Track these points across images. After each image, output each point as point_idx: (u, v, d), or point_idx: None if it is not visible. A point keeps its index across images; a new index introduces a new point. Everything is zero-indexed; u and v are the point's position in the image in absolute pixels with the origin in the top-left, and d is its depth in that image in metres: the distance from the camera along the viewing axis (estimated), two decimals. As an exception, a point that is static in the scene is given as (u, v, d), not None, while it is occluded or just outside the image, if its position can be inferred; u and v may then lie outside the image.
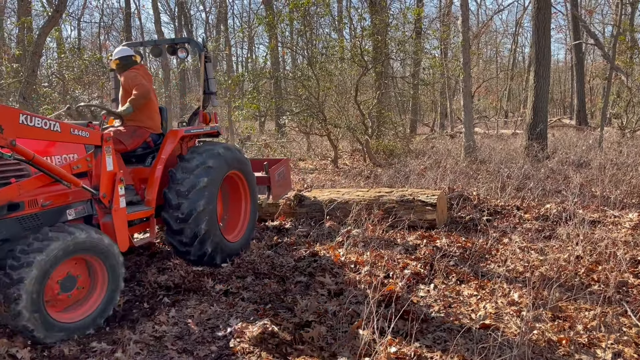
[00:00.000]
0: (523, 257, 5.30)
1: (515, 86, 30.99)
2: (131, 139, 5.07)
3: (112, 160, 4.16)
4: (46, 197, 3.90)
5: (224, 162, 5.22)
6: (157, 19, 28.09)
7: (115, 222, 4.18)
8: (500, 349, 3.27)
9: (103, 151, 4.07)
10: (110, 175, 4.14)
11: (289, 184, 7.06)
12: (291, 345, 3.48)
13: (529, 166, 10.07)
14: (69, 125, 3.79)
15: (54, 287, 3.58)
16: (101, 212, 4.22)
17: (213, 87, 5.80)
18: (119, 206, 4.20)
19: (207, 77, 5.75)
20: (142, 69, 5.37)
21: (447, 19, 19.72)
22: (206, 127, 5.67)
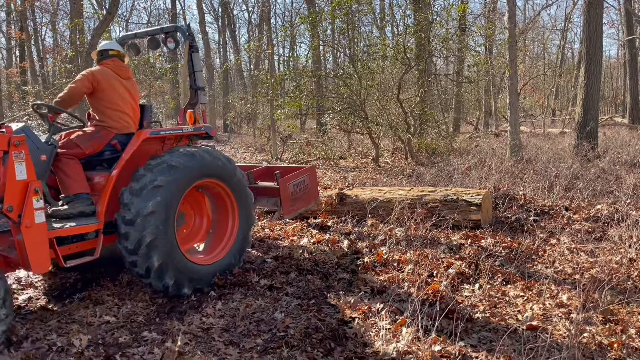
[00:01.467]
0: (572, 258, 5.16)
1: (564, 84, 30.05)
2: (90, 142, 4.45)
3: (24, 167, 3.58)
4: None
5: (183, 175, 4.30)
6: (202, 19, 28.69)
7: (27, 240, 3.53)
8: (549, 351, 3.20)
9: (10, 157, 3.52)
10: (19, 185, 3.54)
11: (313, 196, 6.16)
12: (335, 340, 3.51)
13: (578, 166, 9.76)
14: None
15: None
16: (14, 228, 3.59)
17: (200, 81, 5.13)
18: (32, 221, 3.56)
19: (193, 69, 5.09)
20: (111, 63, 4.69)
21: (493, 15, 19.31)
22: (188, 127, 4.87)
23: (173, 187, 4.21)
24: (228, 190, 4.81)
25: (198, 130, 4.94)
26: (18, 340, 3.47)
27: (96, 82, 4.48)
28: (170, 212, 4.21)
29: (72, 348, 3.34)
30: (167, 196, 4.16)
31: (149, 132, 4.53)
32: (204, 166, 4.49)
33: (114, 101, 4.58)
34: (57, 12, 26.76)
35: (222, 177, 4.70)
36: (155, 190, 4.11)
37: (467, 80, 17.02)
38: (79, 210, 4.15)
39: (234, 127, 29.49)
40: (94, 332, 3.63)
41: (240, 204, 4.92)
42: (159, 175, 4.16)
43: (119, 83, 4.63)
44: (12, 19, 26.15)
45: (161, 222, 4.11)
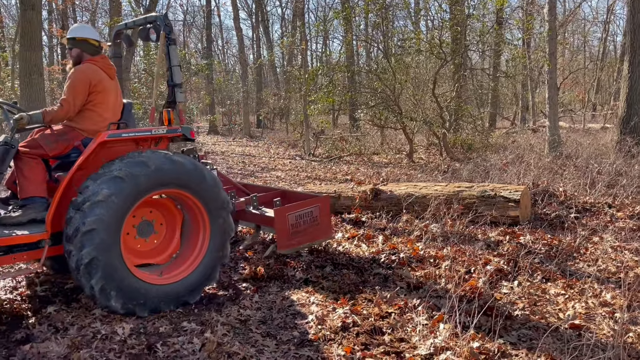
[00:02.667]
0: (616, 257, 5.01)
1: (605, 77, 29.09)
2: (55, 143, 4.08)
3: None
4: None
5: (130, 187, 3.74)
6: (236, 15, 28.92)
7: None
8: (593, 351, 3.12)
9: None
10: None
11: (323, 231, 5.16)
12: (371, 335, 3.51)
13: (622, 162, 9.44)
14: None
15: None
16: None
17: (178, 77, 4.54)
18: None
19: (171, 64, 4.50)
20: (100, 60, 4.30)
21: (531, 8, 18.84)
22: (159, 129, 4.31)
23: (116, 201, 3.68)
24: (195, 201, 4.14)
25: (172, 132, 4.36)
26: (64, 328, 3.59)
27: (92, 87, 4.14)
28: (113, 227, 3.70)
29: (115, 336, 3.43)
30: (108, 211, 3.65)
31: (108, 134, 3.97)
32: (158, 174, 3.88)
33: (95, 103, 4.21)
34: (97, 11, 27.46)
35: (187, 186, 4.04)
36: (96, 205, 3.62)
37: (504, 74, 16.68)
38: (30, 217, 3.84)
39: (267, 123, 29.72)
40: (136, 321, 3.72)
41: (211, 215, 4.21)
42: (103, 188, 3.67)
43: (108, 84, 4.27)
44: (54, 17, 26.98)
45: (102, 239, 3.63)
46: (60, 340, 3.37)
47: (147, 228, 4.24)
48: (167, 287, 4.00)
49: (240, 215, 5.11)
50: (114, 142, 4.07)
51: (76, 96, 4.08)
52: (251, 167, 13.26)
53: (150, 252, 4.29)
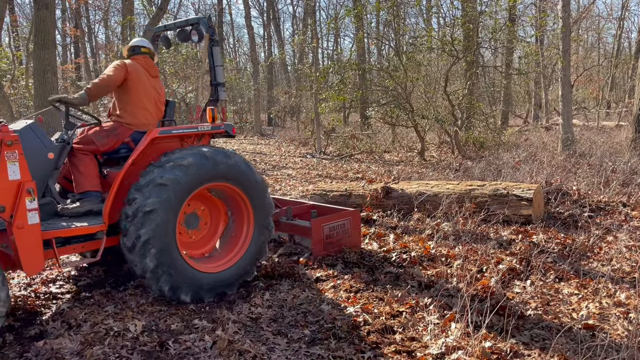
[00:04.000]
0: (630, 256, 4.95)
1: (620, 75, 28.73)
2: (106, 138, 4.32)
3: (17, 167, 3.51)
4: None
5: (191, 175, 4.03)
6: (247, 13, 28.97)
7: (18, 240, 3.47)
8: (607, 351, 3.08)
9: (2, 157, 3.46)
10: (11, 186, 3.47)
11: (353, 242, 5.46)
12: (382, 334, 3.50)
13: (637, 160, 9.32)
14: None
15: None
16: (9, 228, 3.55)
17: (220, 76, 4.86)
18: (25, 222, 3.49)
19: (214, 64, 4.83)
20: (142, 59, 4.61)
21: (545, 4, 18.64)
22: (204, 125, 4.61)
23: (177, 187, 3.95)
24: (243, 195, 4.45)
25: (216, 129, 4.66)
26: (77, 324, 3.62)
27: (127, 74, 4.36)
28: (172, 212, 3.96)
29: (127, 333, 3.46)
30: (170, 195, 3.92)
31: (159, 131, 4.28)
32: (215, 168, 4.17)
33: (138, 96, 4.45)
34: (110, 10, 27.65)
35: (236, 181, 4.34)
36: (159, 188, 3.89)
37: (516, 72, 16.53)
38: (86, 208, 4.06)
39: (278, 121, 29.74)
40: (148, 318, 3.75)
41: (256, 211, 4.53)
42: (165, 173, 3.94)
43: (147, 79, 4.52)
44: (67, 17, 27.23)
45: (160, 221, 3.87)
46: (73, 336, 3.40)
47: (194, 223, 4.51)
48: (210, 276, 4.21)
49: (276, 225, 5.15)
50: (162, 139, 4.32)
51: (112, 74, 4.28)
52: (262, 165, 13.28)
53: (194, 243, 4.54)
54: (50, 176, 4.04)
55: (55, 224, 3.86)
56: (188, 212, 4.39)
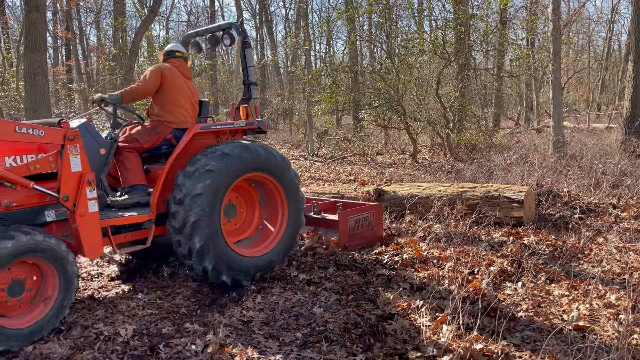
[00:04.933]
0: (620, 257, 4.98)
1: (610, 77, 28.96)
2: (148, 136, 4.67)
3: (79, 160, 3.83)
4: (12, 197, 3.63)
5: (235, 164, 4.42)
6: (240, 16, 28.99)
7: (81, 227, 3.79)
8: (597, 353, 3.10)
9: (66, 151, 3.76)
10: (74, 177, 3.79)
11: (376, 233, 5.82)
12: (374, 336, 3.50)
13: (627, 162, 9.39)
14: (13, 124, 3.59)
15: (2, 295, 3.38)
16: (71, 216, 3.86)
17: (252, 76, 5.22)
18: (86, 210, 3.82)
19: (247, 65, 5.18)
20: (177, 62, 4.93)
21: (535, 7, 18.77)
22: (239, 122, 5.03)
23: (224, 173, 4.34)
24: (279, 187, 4.88)
25: (250, 125, 5.07)
26: (67, 328, 3.60)
27: (163, 77, 4.70)
28: (218, 197, 4.34)
29: (118, 337, 3.44)
30: (216, 181, 4.29)
31: (200, 126, 4.68)
32: (256, 159, 4.59)
33: (175, 96, 4.77)
34: (101, 12, 27.53)
35: (274, 173, 4.77)
36: (207, 174, 4.26)
37: (508, 74, 16.62)
38: (134, 201, 4.40)
39: (270, 123, 29.70)
40: (139, 322, 3.73)
41: (290, 202, 4.95)
42: (212, 161, 4.32)
43: (182, 81, 4.84)
44: (58, 19, 27.07)
45: (208, 204, 4.24)
46: (63, 341, 3.38)
47: (232, 212, 4.88)
48: (248, 260, 4.59)
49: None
50: (201, 135, 4.73)
51: (150, 79, 4.66)
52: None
53: (233, 231, 4.87)
54: (101, 170, 4.37)
55: (108, 214, 4.21)
56: (226, 203, 4.64)
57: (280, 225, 4.95)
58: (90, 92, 18.01)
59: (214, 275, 4.35)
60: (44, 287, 3.61)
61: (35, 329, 3.44)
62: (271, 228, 4.97)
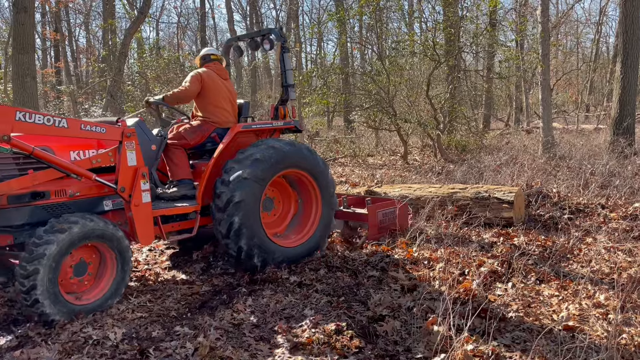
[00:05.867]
0: (609, 257, 5.02)
1: (598, 79, 29.23)
2: (194, 134, 5.09)
3: (134, 155, 4.24)
4: (76, 188, 4.07)
5: (277, 157, 4.85)
6: (230, 18, 28.97)
7: (135, 216, 4.23)
8: (586, 352, 3.12)
9: (123, 146, 4.19)
10: (130, 170, 4.22)
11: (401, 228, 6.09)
12: (365, 338, 3.49)
13: (615, 163, 9.48)
14: (79, 122, 3.96)
15: (68, 271, 3.83)
16: (126, 206, 4.29)
17: (290, 79, 5.54)
18: (140, 201, 4.25)
19: (285, 68, 5.51)
20: (214, 66, 5.29)
21: (524, 9, 18.90)
22: (278, 122, 5.42)
23: (259, 176, 4.73)
24: (312, 181, 5.27)
25: (287, 125, 5.46)
26: (56, 333, 3.55)
27: (203, 82, 5.08)
28: (255, 199, 4.74)
29: (107, 341, 3.40)
30: (252, 186, 4.68)
31: (242, 126, 5.10)
32: (286, 158, 4.95)
33: (216, 98, 5.15)
34: (90, 13, 27.37)
35: (305, 168, 5.15)
36: (243, 182, 4.62)
37: (497, 76, 16.73)
38: (182, 193, 4.81)
39: (262, 125, 29.59)
40: (128, 326, 3.70)
41: (322, 192, 5.34)
42: (260, 152, 4.75)
43: (221, 83, 5.21)
44: (47, 20, 26.86)
45: (248, 209, 4.64)
46: (51, 345, 3.34)
47: (269, 205, 5.32)
48: (290, 250, 5.05)
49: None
50: (242, 133, 5.09)
51: (190, 85, 5.04)
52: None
53: (270, 224, 5.24)
54: (152, 165, 4.73)
55: (158, 205, 4.62)
56: (265, 196, 5.01)
57: (315, 216, 5.36)
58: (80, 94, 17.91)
59: (247, 257, 4.70)
60: (103, 269, 4.04)
61: (94, 306, 3.89)
62: (305, 222, 5.37)
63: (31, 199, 3.89)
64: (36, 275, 3.54)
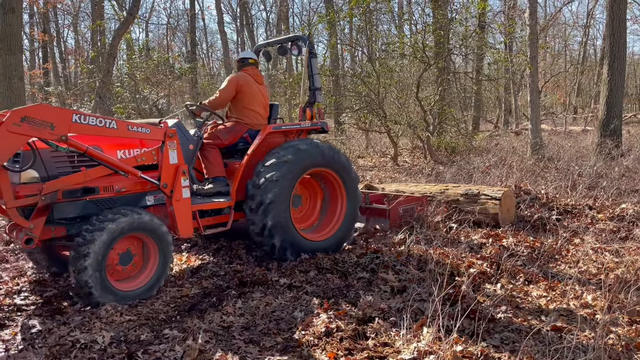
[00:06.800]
0: (596, 258, 5.07)
1: (586, 81, 29.49)
2: (228, 134, 5.43)
3: (175, 154, 4.54)
4: (122, 184, 4.42)
5: (304, 158, 5.20)
6: (220, 19, 28.86)
7: (176, 210, 4.57)
8: (574, 353, 3.14)
9: (166, 146, 4.49)
10: (172, 168, 4.52)
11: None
12: (355, 339, 3.49)
13: (602, 164, 9.58)
14: (127, 123, 4.27)
15: (115, 259, 4.17)
16: (168, 201, 4.63)
17: (318, 82, 5.87)
18: (180, 196, 4.58)
19: (312, 72, 5.81)
20: (251, 70, 5.63)
21: (513, 12, 19.05)
22: (305, 123, 5.74)
23: (295, 165, 5.10)
24: (338, 180, 5.59)
25: (315, 126, 5.76)
26: (43, 336, 3.52)
27: (239, 86, 5.41)
28: (289, 184, 5.09)
29: (95, 345, 3.37)
30: (289, 170, 5.05)
31: (272, 127, 5.45)
32: (313, 158, 5.29)
33: (250, 102, 5.47)
34: (79, 14, 27.17)
35: (331, 166, 5.47)
36: (283, 165, 5.02)
37: (487, 78, 16.83)
38: (217, 190, 5.14)
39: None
40: (117, 329, 3.66)
41: (347, 189, 5.66)
42: (288, 154, 5.09)
43: (256, 87, 5.52)
44: (35, 21, 26.63)
45: (280, 189, 4.99)
46: (38, 350, 3.30)
47: (297, 202, 5.69)
48: (316, 244, 5.39)
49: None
50: (272, 134, 5.43)
51: (226, 90, 5.42)
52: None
53: (298, 219, 5.59)
54: (190, 163, 5.02)
55: (196, 200, 4.93)
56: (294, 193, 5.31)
57: (340, 212, 5.67)
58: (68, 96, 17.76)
59: (281, 252, 5.08)
60: (146, 259, 4.37)
61: (136, 294, 4.22)
62: (331, 217, 5.70)
63: (83, 194, 4.27)
64: (86, 260, 3.89)
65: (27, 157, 3.97)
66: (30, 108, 3.72)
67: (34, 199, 3.96)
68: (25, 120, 3.66)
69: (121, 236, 4.10)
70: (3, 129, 3.58)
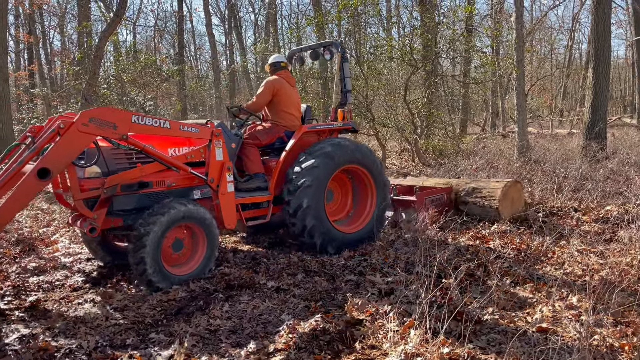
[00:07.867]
0: (582, 260, 5.11)
1: (571, 84, 29.83)
2: (266, 135, 5.85)
3: (221, 151, 4.95)
4: (173, 179, 4.87)
5: (334, 159, 5.55)
6: (209, 21, 28.78)
7: (222, 203, 4.99)
8: (559, 354, 3.17)
9: (213, 144, 4.90)
10: (218, 164, 4.94)
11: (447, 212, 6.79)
12: (343, 342, 3.49)
13: (587, 167, 9.67)
14: (178, 123, 4.67)
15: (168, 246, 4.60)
16: (214, 195, 5.05)
17: (349, 85, 6.22)
18: (226, 190, 5.00)
19: (344, 75, 6.18)
20: (284, 74, 5.99)
21: (500, 16, 19.21)
22: (337, 123, 6.11)
23: (325, 167, 5.48)
24: (368, 175, 5.96)
25: (346, 126, 6.17)
26: (26, 341, 3.47)
27: (275, 90, 5.80)
28: (322, 186, 5.48)
29: (79, 350, 3.34)
30: (320, 174, 5.43)
31: (307, 127, 5.87)
32: (349, 154, 5.71)
33: (286, 104, 5.88)
34: (65, 15, 26.92)
35: (364, 164, 5.87)
36: (313, 170, 5.39)
37: (474, 81, 16.95)
38: (256, 185, 5.52)
39: (240, 128, 29.42)
40: (102, 333, 3.63)
41: (377, 187, 6.03)
42: (317, 159, 5.45)
43: (290, 90, 5.92)
44: (21, 22, 26.33)
45: (314, 193, 5.38)
46: (22, 355, 3.26)
47: (330, 196, 6.06)
48: (347, 236, 5.76)
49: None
50: (307, 133, 5.84)
51: (263, 95, 5.81)
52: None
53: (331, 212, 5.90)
54: (232, 160, 5.33)
55: (238, 195, 5.27)
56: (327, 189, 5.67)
57: (370, 206, 6.05)
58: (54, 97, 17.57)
59: (309, 235, 5.41)
60: (195, 245, 4.80)
61: (188, 277, 4.66)
62: (361, 212, 6.07)
63: (138, 187, 4.69)
64: (144, 249, 4.31)
65: (91, 154, 4.36)
66: (97, 110, 4.12)
67: (97, 192, 4.41)
68: (92, 121, 4.04)
69: (172, 226, 4.51)
70: (74, 129, 3.96)
